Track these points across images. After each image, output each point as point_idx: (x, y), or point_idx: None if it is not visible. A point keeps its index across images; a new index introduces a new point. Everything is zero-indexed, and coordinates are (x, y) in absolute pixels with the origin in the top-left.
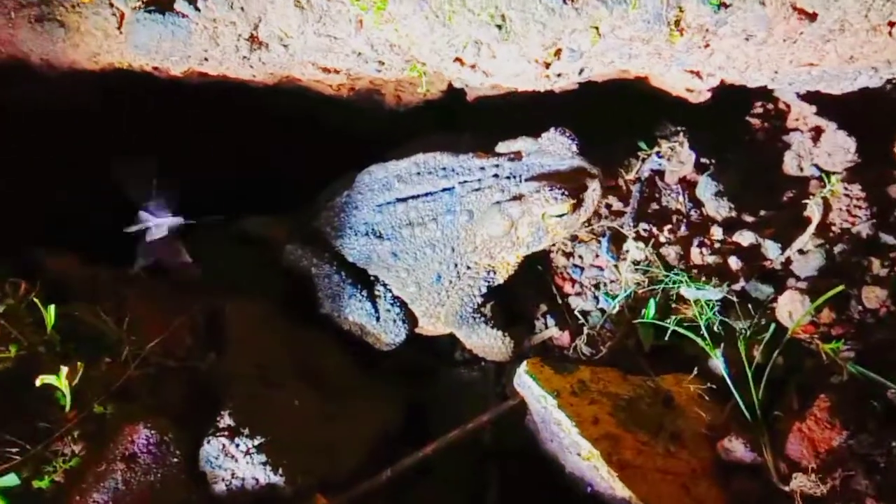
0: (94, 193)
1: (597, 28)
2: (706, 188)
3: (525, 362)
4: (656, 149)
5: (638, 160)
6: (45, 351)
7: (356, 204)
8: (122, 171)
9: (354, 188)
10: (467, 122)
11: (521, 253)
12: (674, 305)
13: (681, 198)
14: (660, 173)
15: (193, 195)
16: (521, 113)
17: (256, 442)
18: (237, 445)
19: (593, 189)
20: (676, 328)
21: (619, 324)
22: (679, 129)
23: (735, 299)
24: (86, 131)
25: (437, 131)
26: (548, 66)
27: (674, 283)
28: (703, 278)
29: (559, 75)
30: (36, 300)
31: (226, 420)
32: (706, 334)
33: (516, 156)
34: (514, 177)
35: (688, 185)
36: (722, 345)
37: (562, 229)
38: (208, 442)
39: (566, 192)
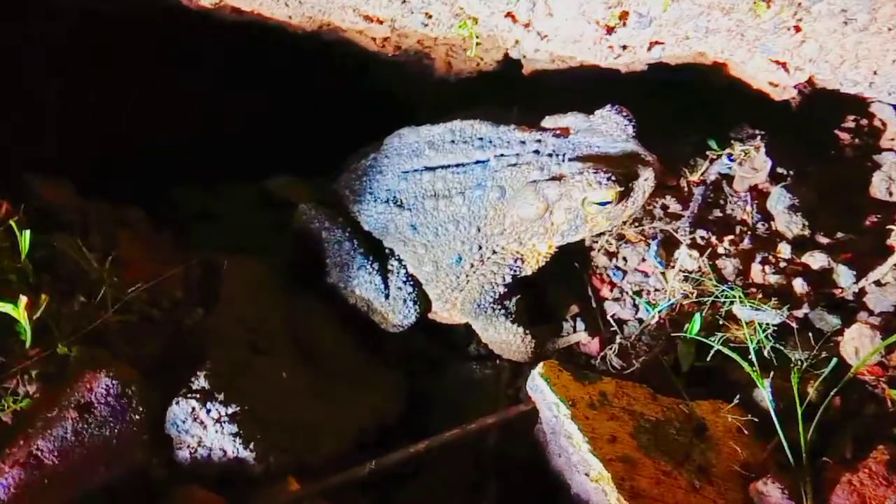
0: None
1: None
2: (779, 200)
3: (541, 364)
4: (728, 150)
5: (706, 160)
6: (16, 279)
7: (381, 168)
8: None
9: (382, 151)
10: (523, 100)
11: (555, 242)
12: (722, 323)
13: (748, 207)
14: (728, 178)
15: (221, 151)
16: (582, 94)
17: (230, 410)
18: (208, 411)
19: (645, 179)
20: (722, 348)
21: (658, 338)
22: (757, 132)
23: (795, 326)
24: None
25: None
26: (611, 30)
27: (726, 297)
28: (762, 297)
29: (625, 47)
30: (13, 223)
31: (200, 382)
32: (755, 360)
33: (563, 132)
34: (557, 155)
35: (758, 195)
36: (772, 375)
37: (603, 220)
38: (177, 403)
39: (613, 178)
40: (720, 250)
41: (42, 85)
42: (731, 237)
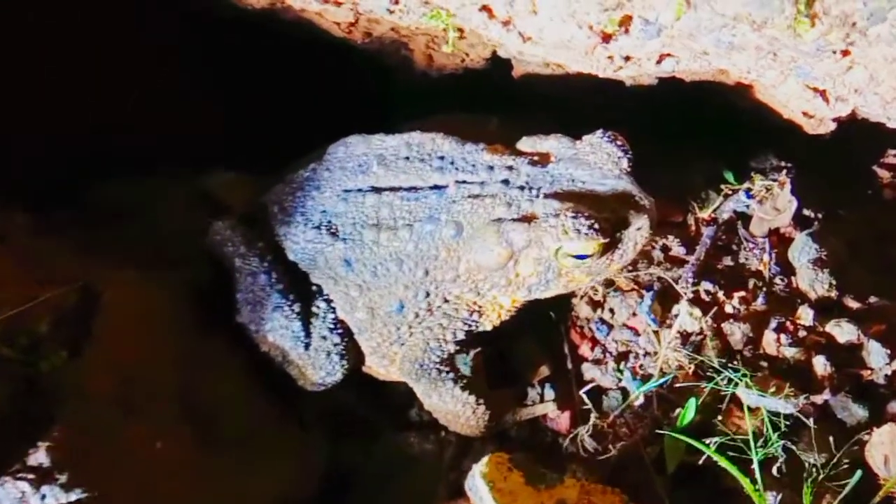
0: None
1: None
2: (803, 251)
3: (485, 459)
4: (747, 185)
5: (719, 194)
6: None
7: (319, 183)
8: None
9: (324, 162)
10: (512, 106)
11: (520, 297)
12: (723, 406)
13: (766, 257)
14: (744, 218)
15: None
16: (580, 104)
17: (72, 497)
18: (43, 497)
19: (638, 228)
20: (716, 456)
21: (642, 419)
22: (783, 163)
23: (811, 422)
24: None
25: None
26: (607, 38)
27: (730, 381)
28: (773, 385)
29: (627, 59)
30: None
31: (40, 455)
32: (757, 466)
33: (541, 159)
34: (531, 188)
35: (779, 242)
36: (779, 495)
37: (582, 275)
38: (2, 485)
39: (596, 226)
40: (728, 308)
41: None
42: (742, 294)
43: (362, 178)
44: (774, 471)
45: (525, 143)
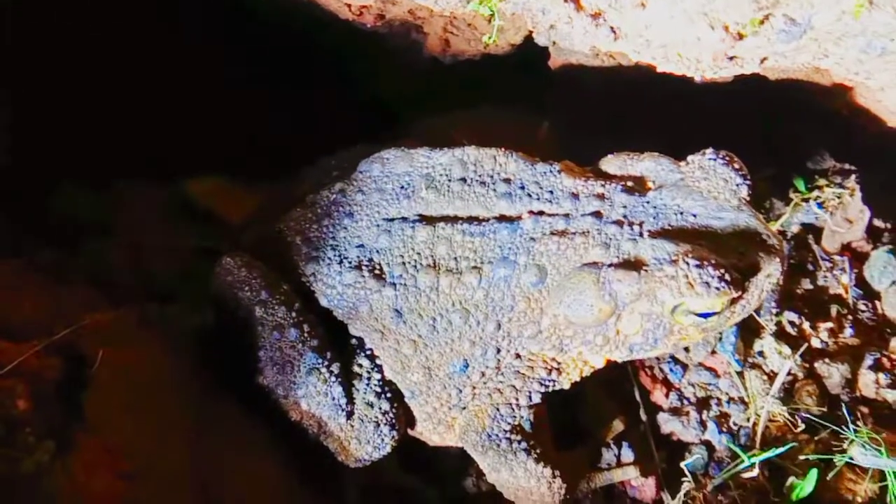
0: None
1: None
2: (883, 271)
3: None
4: (816, 193)
5: (785, 203)
6: None
7: (351, 208)
8: None
9: (355, 180)
10: (542, 97)
11: (617, 357)
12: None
13: (845, 278)
14: (815, 231)
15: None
16: (626, 100)
17: None
18: None
19: (768, 275)
20: None
21: (745, 492)
22: (848, 166)
23: None
24: None
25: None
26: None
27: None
28: (883, 438)
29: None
30: None
31: None
32: None
33: (637, 185)
34: (631, 224)
35: (855, 258)
36: None
37: (697, 332)
38: None
39: (728, 277)
40: (816, 343)
41: None
42: (829, 325)
43: (407, 203)
44: None
45: (611, 164)
